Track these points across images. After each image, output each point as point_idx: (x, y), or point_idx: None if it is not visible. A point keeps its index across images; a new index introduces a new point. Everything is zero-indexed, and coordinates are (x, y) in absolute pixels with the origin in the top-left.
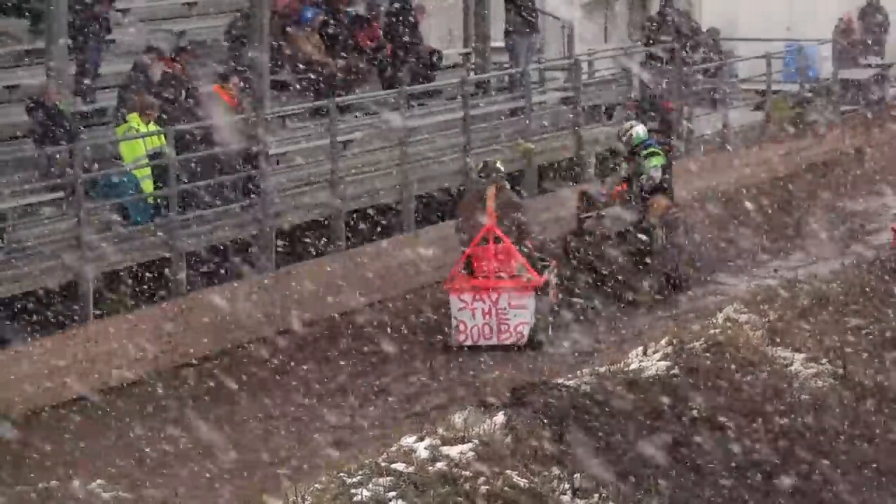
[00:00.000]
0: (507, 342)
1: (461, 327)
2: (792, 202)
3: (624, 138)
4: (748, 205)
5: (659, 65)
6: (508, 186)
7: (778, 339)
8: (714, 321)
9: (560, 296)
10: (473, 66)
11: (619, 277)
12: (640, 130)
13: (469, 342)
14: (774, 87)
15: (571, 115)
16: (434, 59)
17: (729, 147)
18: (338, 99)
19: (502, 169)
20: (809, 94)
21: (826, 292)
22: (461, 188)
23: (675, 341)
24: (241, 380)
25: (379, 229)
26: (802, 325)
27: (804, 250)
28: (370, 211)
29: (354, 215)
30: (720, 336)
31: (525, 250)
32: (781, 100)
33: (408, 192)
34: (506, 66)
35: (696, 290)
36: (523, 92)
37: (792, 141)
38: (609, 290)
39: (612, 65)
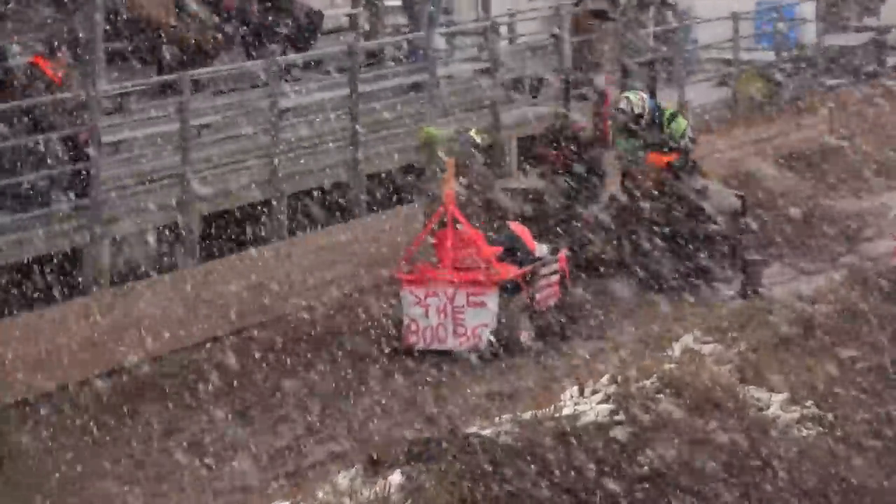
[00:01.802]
0: (463, 347)
1: (412, 327)
2: (766, 202)
3: (627, 107)
4: None
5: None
6: (481, 160)
7: (751, 376)
8: (669, 353)
9: (561, 293)
10: (363, 31)
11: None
12: (646, 96)
13: (421, 345)
14: (744, 56)
15: (488, 92)
16: (313, 21)
17: None
18: (191, 73)
19: (477, 140)
20: (787, 65)
21: (811, 315)
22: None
23: (619, 379)
24: (55, 433)
25: (244, 237)
26: (782, 358)
27: (783, 262)
28: (235, 213)
29: (213, 219)
30: (677, 372)
31: (511, 237)
32: (752, 72)
33: (280, 189)
34: (404, 30)
35: (644, 311)
36: (426, 63)
37: (766, 125)
38: (646, 281)
39: (539, 28)
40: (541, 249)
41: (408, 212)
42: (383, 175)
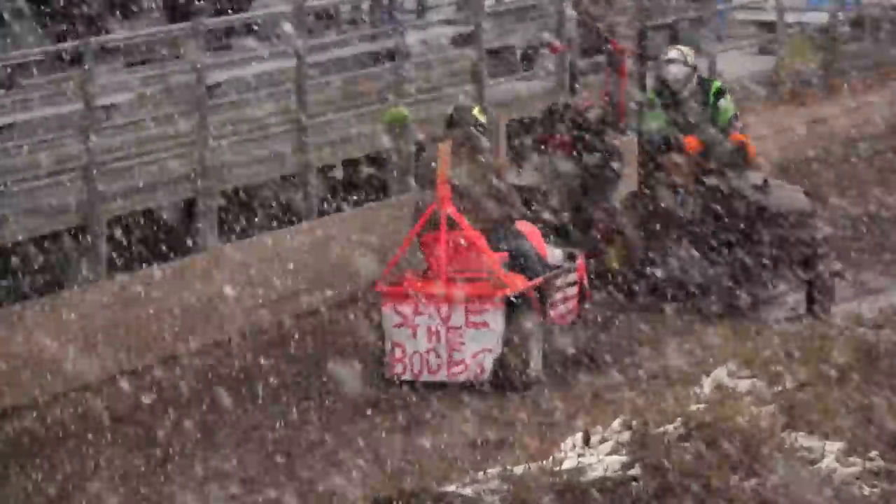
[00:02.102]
0: (461, 378)
1: (398, 353)
2: (820, 199)
3: (681, 59)
4: None
5: None
6: (485, 145)
7: (799, 419)
8: (697, 390)
9: (582, 308)
10: None
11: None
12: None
13: (408, 375)
14: (790, 19)
15: (470, 63)
16: None
17: None
18: (96, 39)
19: (480, 118)
20: (846, 30)
21: (875, 344)
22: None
23: (634, 423)
24: None
25: (165, 245)
26: (838, 397)
27: (842, 276)
28: (153, 215)
29: (125, 223)
30: (706, 415)
31: (519, 240)
32: (802, 37)
33: (209, 184)
34: None
35: (669, 336)
36: (392, 27)
37: (818, 104)
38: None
39: None
40: (554, 255)
41: (378, 210)
42: (340, 166)
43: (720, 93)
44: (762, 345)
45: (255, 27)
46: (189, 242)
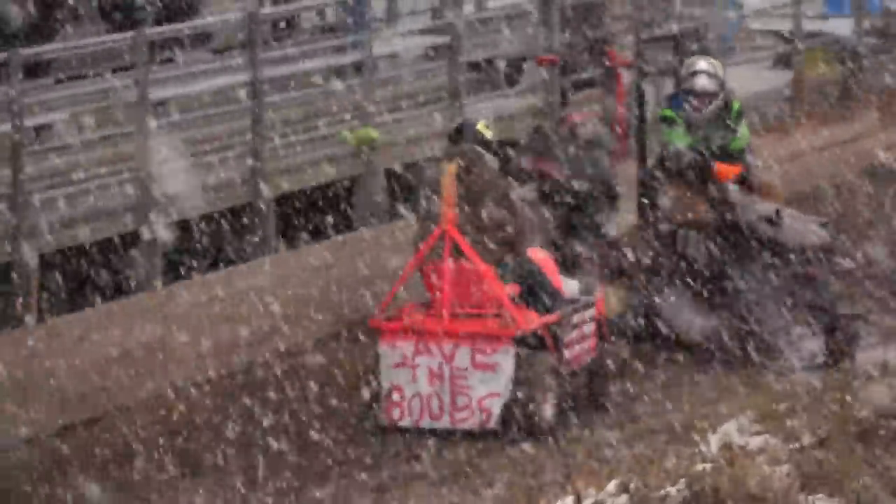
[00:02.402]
0: (466, 425)
1: (396, 396)
2: (844, 232)
3: (711, 70)
4: None
5: None
6: (493, 164)
7: (817, 481)
8: (703, 448)
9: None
10: None
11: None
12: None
13: (406, 421)
14: (809, 29)
15: (447, 78)
16: None
17: None
18: (25, 52)
19: (486, 135)
20: (870, 40)
21: None
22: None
23: (632, 486)
24: None
25: (104, 284)
26: (860, 456)
27: (866, 319)
28: (89, 251)
29: (59, 259)
30: (713, 476)
31: (531, 271)
32: (822, 50)
33: (151, 216)
34: None
35: (674, 385)
36: (359, 37)
37: (841, 124)
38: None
39: None
40: (570, 287)
41: (342, 245)
42: (302, 194)
43: (741, 115)
44: (777, 397)
45: (206, 38)
46: (131, 282)
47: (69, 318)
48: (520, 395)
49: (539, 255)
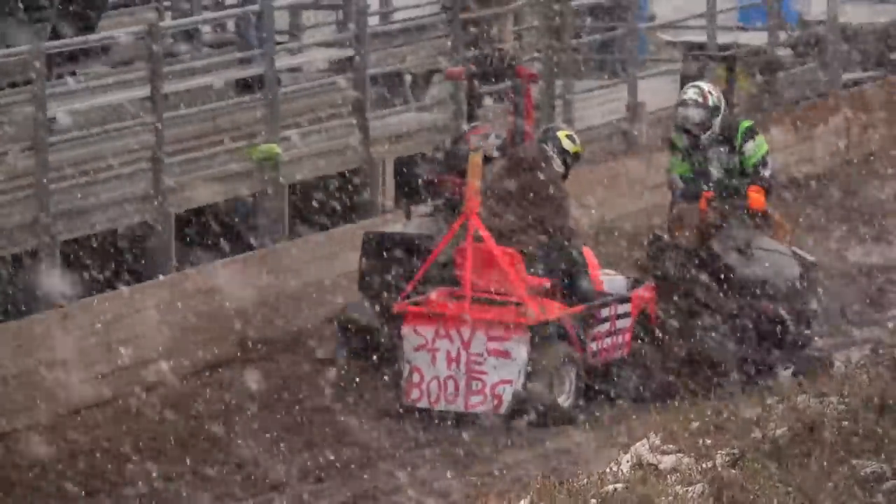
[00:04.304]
0: (479, 409)
1: (415, 378)
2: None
3: (699, 99)
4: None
5: None
6: (558, 170)
7: (731, 501)
8: (614, 467)
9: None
10: (169, 4)
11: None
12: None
13: (424, 403)
14: (722, 39)
15: (351, 91)
16: None
17: (639, 147)
18: None
19: (565, 144)
20: (785, 52)
21: (820, 412)
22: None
23: None
24: None
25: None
26: (775, 474)
27: (831, 364)
28: None
29: None
30: (625, 496)
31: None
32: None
33: (51, 232)
34: (230, 4)
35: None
36: (263, 50)
37: None
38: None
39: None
40: (614, 283)
41: (244, 264)
42: (205, 211)
43: (749, 133)
44: (691, 416)
45: (104, 51)
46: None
47: None
48: (535, 383)
49: (588, 252)
